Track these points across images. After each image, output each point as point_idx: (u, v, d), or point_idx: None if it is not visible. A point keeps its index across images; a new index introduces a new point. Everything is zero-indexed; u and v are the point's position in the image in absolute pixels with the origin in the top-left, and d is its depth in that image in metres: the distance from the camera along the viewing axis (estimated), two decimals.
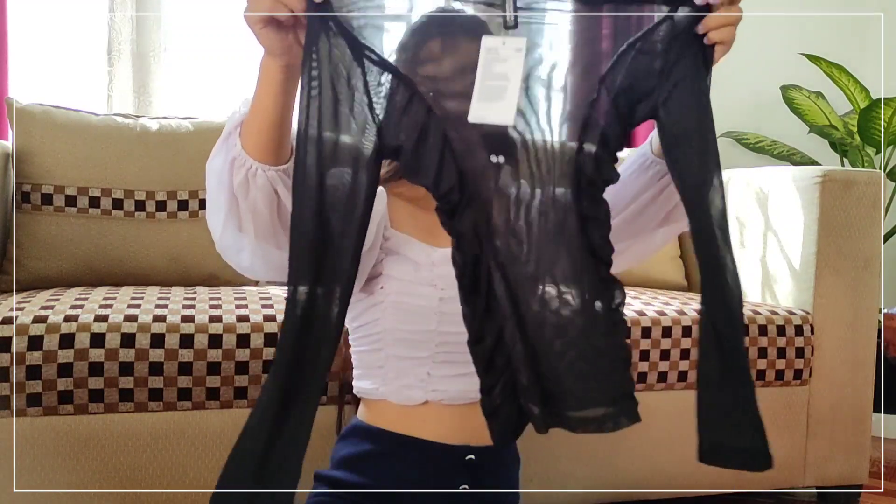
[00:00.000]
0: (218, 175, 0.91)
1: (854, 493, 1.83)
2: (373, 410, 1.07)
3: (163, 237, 1.80)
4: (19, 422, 1.28)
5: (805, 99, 2.61)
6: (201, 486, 1.37)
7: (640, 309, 1.65)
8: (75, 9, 2.19)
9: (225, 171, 0.90)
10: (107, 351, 1.30)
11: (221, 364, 1.35)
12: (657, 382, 1.63)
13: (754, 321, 1.69)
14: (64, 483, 1.30)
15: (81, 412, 1.31)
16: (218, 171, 0.91)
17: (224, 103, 2.28)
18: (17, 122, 1.75)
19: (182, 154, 1.85)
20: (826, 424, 1.77)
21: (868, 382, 1.80)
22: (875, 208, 1.77)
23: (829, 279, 1.76)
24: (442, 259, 1.03)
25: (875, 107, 2.33)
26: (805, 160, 2.57)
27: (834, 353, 1.77)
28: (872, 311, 1.79)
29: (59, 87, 2.18)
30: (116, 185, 1.79)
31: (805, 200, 1.78)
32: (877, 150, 2.49)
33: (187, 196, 1.84)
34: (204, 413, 1.37)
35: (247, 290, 1.65)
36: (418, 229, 1.07)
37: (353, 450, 1.05)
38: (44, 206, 1.73)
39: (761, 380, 1.70)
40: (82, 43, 2.20)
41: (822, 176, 1.75)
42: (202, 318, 1.37)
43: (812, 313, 1.76)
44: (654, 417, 1.64)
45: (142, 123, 1.87)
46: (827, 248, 1.75)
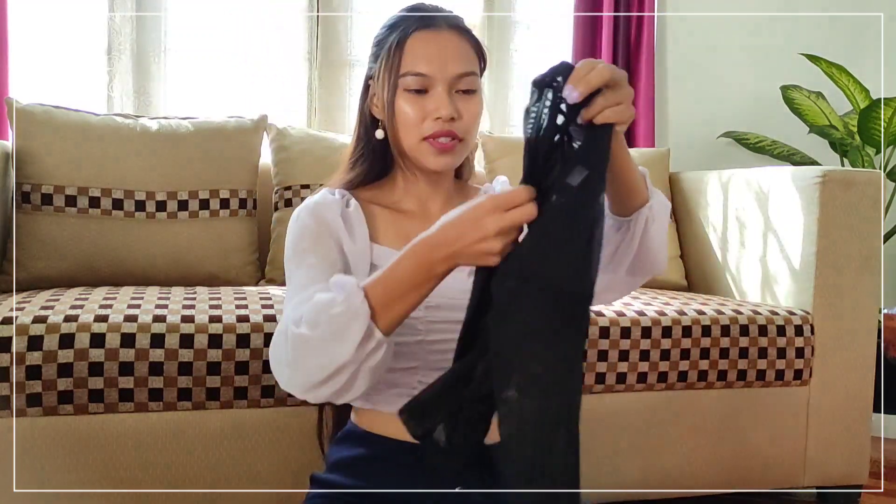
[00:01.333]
0: (337, 339, 0.85)
1: (854, 493, 1.83)
2: (365, 417, 1.07)
3: (163, 237, 1.80)
4: (19, 422, 1.29)
5: (805, 99, 2.60)
6: (201, 486, 1.37)
7: (640, 309, 1.65)
8: (75, 9, 2.19)
9: (351, 337, 0.85)
10: (107, 351, 1.30)
11: (221, 364, 1.35)
12: (657, 382, 1.63)
13: (754, 321, 1.69)
14: (64, 483, 1.30)
15: (81, 412, 1.31)
16: (338, 334, 0.85)
17: (224, 103, 2.28)
18: (17, 122, 1.75)
19: (182, 154, 1.85)
20: (826, 424, 1.77)
21: (868, 382, 1.80)
22: (875, 208, 1.77)
23: (829, 279, 1.76)
24: None
25: (875, 107, 2.33)
26: (805, 160, 2.57)
27: (834, 353, 1.77)
28: (872, 311, 1.79)
29: (59, 87, 2.18)
30: (116, 185, 1.79)
31: (805, 200, 1.78)
32: (877, 150, 2.49)
33: (187, 196, 1.84)
34: (204, 413, 1.37)
35: (247, 290, 1.65)
36: (398, 237, 1.05)
37: (347, 453, 1.05)
38: (44, 206, 1.73)
39: (761, 380, 1.70)
40: (82, 43, 2.20)
41: (822, 176, 1.75)
42: (202, 318, 1.37)
43: (812, 313, 1.76)
44: (654, 417, 1.65)
45: (142, 123, 1.87)
46: (827, 248, 1.75)
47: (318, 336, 0.85)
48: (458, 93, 1.02)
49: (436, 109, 1.00)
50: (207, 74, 2.29)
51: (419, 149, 1.02)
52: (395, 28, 1.04)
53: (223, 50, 2.29)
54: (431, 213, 1.09)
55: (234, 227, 1.87)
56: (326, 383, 0.86)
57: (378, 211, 1.08)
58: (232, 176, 1.89)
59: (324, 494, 1.03)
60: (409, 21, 1.03)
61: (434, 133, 1.00)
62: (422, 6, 1.07)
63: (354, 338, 0.84)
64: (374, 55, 1.07)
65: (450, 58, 1.01)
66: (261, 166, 1.97)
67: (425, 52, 1.01)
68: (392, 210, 1.08)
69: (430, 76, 1.00)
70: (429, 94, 1.01)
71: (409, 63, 1.01)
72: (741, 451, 1.72)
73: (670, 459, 1.67)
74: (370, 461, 1.03)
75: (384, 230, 1.06)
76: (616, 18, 2.55)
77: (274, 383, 1.37)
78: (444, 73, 1.00)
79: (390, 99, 1.02)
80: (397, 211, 1.08)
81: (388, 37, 1.05)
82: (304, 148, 1.98)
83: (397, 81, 1.01)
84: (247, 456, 1.39)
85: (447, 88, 1.01)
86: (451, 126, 1.00)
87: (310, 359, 0.86)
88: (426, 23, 1.03)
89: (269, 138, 2.01)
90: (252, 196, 1.92)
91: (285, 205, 1.93)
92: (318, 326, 0.85)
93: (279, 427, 1.40)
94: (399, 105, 1.01)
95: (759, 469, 1.74)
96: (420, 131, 1.01)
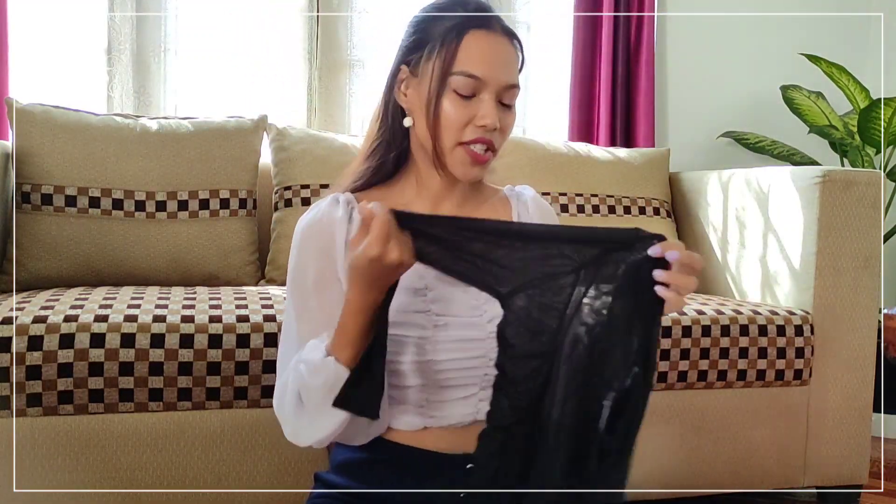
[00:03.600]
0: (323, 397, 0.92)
1: (854, 493, 1.83)
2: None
3: (163, 237, 1.80)
4: (19, 422, 1.29)
5: (805, 99, 2.60)
6: (201, 486, 1.37)
7: None
8: (75, 9, 2.19)
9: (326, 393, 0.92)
10: (107, 351, 1.30)
11: (221, 364, 1.35)
12: (657, 382, 1.63)
13: (754, 321, 1.69)
14: (64, 483, 1.30)
15: (81, 412, 1.31)
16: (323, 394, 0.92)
17: (224, 103, 2.27)
18: (17, 122, 1.75)
19: (182, 154, 1.85)
20: (826, 424, 1.77)
21: (868, 382, 1.80)
22: (875, 208, 1.77)
23: (829, 279, 1.76)
24: (435, 280, 0.99)
25: (875, 107, 2.33)
26: (805, 160, 2.57)
27: (834, 353, 1.77)
28: (872, 311, 1.79)
29: (59, 87, 2.17)
30: (116, 185, 1.79)
31: (805, 200, 1.78)
32: (877, 150, 2.49)
33: (187, 196, 1.84)
34: (204, 413, 1.37)
35: (247, 290, 1.65)
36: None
37: (351, 455, 1.04)
38: (44, 206, 1.73)
39: (761, 380, 1.70)
40: (82, 43, 2.20)
41: (822, 176, 1.75)
42: (202, 318, 1.37)
43: (812, 313, 1.76)
44: (654, 417, 1.64)
45: (142, 123, 1.87)
46: (827, 248, 1.75)
47: (314, 407, 0.93)
48: (500, 104, 0.99)
49: (482, 117, 0.96)
50: (207, 74, 2.29)
51: (453, 154, 0.99)
52: (446, 19, 0.98)
53: (223, 50, 2.29)
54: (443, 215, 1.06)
55: (233, 227, 1.87)
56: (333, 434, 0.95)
57: None
58: (232, 176, 1.89)
59: (327, 494, 1.03)
60: (462, 15, 0.98)
61: (473, 139, 0.97)
62: (472, 1, 1.01)
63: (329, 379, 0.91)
64: (416, 41, 1.01)
65: (503, 66, 0.98)
66: (261, 166, 1.97)
67: (482, 54, 0.97)
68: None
69: (483, 80, 0.96)
70: (476, 98, 0.97)
71: (464, 62, 0.96)
72: (741, 451, 1.72)
73: (670, 459, 1.67)
74: (374, 464, 1.03)
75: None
76: (616, 18, 2.55)
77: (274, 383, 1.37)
78: (497, 81, 0.97)
79: (436, 92, 0.97)
80: None
81: (435, 24, 0.99)
82: (304, 148, 1.98)
83: (448, 77, 0.96)
84: (247, 456, 1.39)
85: (495, 97, 0.97)
86: (491, 136, 0.98)
87: (312, 424, 0.95)
88: (482, 22, 0.98)
89: (269, 138, 2.01)
90: (252, 196, 1.92)
91: (285, 205, 1.93)
92: (312, 400, 0.93)
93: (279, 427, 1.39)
94: (442, 103, 0.97)
95: (759, 469, 1.74)
96: (460, 135, 0.98)
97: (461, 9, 0.99)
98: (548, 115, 2.61)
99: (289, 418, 0.97)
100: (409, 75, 1.02)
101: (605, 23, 2.53)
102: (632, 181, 2.21)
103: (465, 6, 0.99)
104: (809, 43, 2.72)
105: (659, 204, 2.22)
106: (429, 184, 1.05)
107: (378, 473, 1.02)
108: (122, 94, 2.20)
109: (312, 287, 0.99)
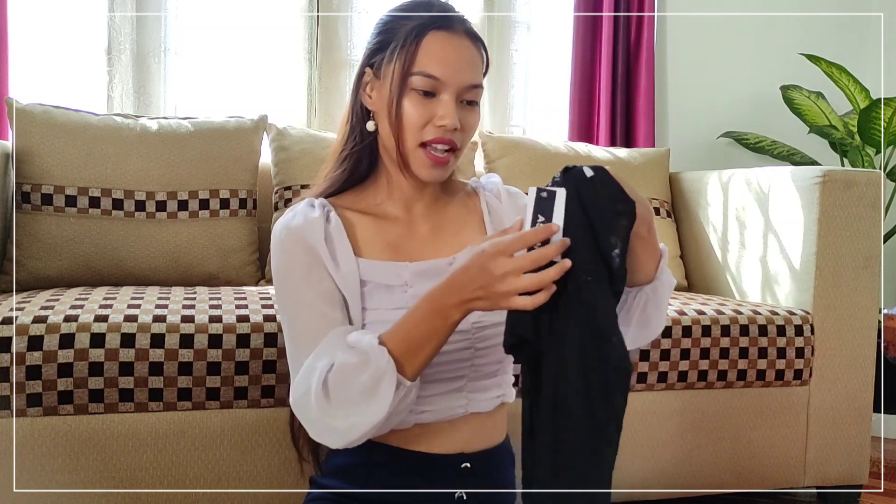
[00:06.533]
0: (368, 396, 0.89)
1: (854, 493, 1.83)
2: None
3: (163, 237, 1.80)
4: (19, 422, 1.28)
5: (805, 99, 2.61)
6: (201, 486, 1.37)
7: None
8: (75, 9, 2.19)
9: (384, 397, 0.88)
10: (107, 351, 1.30)
11: (221, 364, 1.35)
12: (657, 382, 1.63)
13: (754, 321, 1.69)
14: (64, 483, 1.30)
15: (81, 412, 1.31)
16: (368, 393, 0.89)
17: (224, 103, 2.28)
18: (17, 122, 1.75)
19: (182, 154, 1.85)
20: (826, 424, 1.77)
21: (868, 382, 1.80)
22: (875, 208, 1.77)
23: (829, 279, 1.76)
24: (414, 277, 1.00)
25: (875, 107, 2.33)
26: (805, 160, 2.57)
27: (834, 353, 1.77)
28: (872, 311, 1.79)
29: (59, 87, 2.18)
30: (116, 185, 1.79)
31: (805, 200, 1.78)
32: (877, 150, 2.49)
33: (187, 196, 1.84)
34: (204, 413, 1.37)
35: (247, 290, 1.65)
36: (383, 246, 1.03)
37: (346, 460, 1.04)
38: (44, 206, 1.73)
39: (761, 380, 1.70)
40: (82, 43, 2.20)
41: (822, 176, 1.75)
42: (202, 318, 1.37)
43: (812, 313, 1.76)
44: (654, 417, 1.65)
45: (142, 123, 1.87)
46: (827, 248, 1.75)
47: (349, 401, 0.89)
48: (463, 103, 1.00)
49: (441, 117, 0.97)
50: (207, 74, 2.29)
51: (414, 155, 1.00)
52: (408, 20, 1.00)
53: (223, 50, 2.29)
54: (416, 216, 1.07)
55: (233, 227, 1.87)
56: (364, 437, 0.91)
57: (359, 220, 1.05)
58: (232, 176, 1.89)
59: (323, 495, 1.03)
60: (424, 16, 0.99)
61: (433, 139, 0.98)
62: (436, 2, 1.02)
63: (387, 396, 0.87)
64: (379, 43, 1.02)
65: (464, 66, 0.99)
66: (261, 166, 1.97)
67: (442, 54, 0.97)
68: (375, 217, 1.05)
69: (442, 80, 0.97)
70: (436, 98, 0.98)
71: (424, 62, 0.97)
72: (741, 451, 1.72)
73: (670, 459, 1.67)
74: (370, 468, 1.03)
75: (369, 241, 1.04)
76: (616, 18, 2.55)
77: (274, 383, 1.37)
78: (456, 81, 0.98)
79: (397, 93, 0.98)
80: (380, 217, 1.06)
81: (398, 26, 1.00)
82: (303, 148, 1.98)
83: (408, 78, 0.98)
84: (247, 456, 1.39)
85: (455, 96, 0.98)
86: (451, 135, 0.98)
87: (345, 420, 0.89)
88: (443, 23, 0.99)
89: (269, 138, 2.01)
90: (252, 196, 1.92)
91: (285, 205, 1.93)
92: (348, 392, 0.88)
93: (279, 427, 1.40)
94: (403, 104, 0.98)
95: (759, 469, 1.74)
96: (420, 135, 0.98)
97: (424, 10, 1.00)
98: (548, 115, 2.61)
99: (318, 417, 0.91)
100: (372, 77, 1.03)
101: (605, 23, 2.53)
102: (632, 181, 2.20)
103: (428, 8, 1.01)
104: (809, 43, 2.72)
105: (659, 204, 2.22)
106: (399, 185, 1.06)
107: (374, 477, 1.02)
108: (122, 94, 2.20)
109: (302, 279, 0.98)
